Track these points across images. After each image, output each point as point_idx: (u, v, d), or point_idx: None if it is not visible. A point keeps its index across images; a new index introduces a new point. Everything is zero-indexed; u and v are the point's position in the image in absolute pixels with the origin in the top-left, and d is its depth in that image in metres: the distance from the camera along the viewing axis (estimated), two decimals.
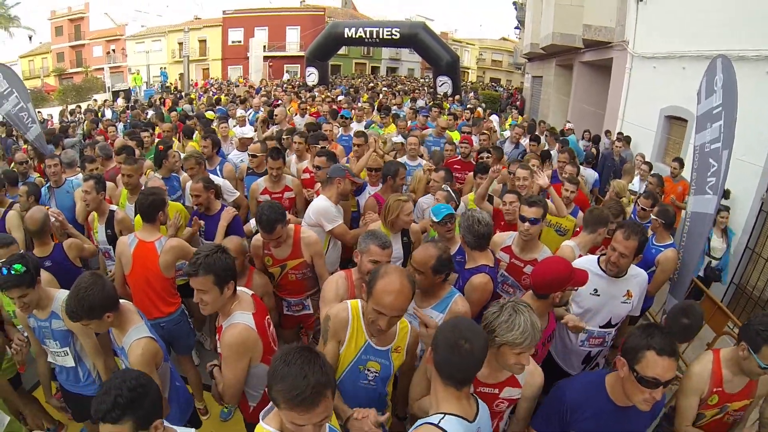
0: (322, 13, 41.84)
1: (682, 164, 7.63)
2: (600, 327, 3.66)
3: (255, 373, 2.79)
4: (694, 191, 5.08)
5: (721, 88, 4.64)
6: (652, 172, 7.81)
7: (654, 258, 4.76)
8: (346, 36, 25.11)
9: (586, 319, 3.60)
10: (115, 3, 46.37)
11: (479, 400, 2.26)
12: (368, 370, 2.71)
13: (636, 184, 8.17)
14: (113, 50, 44.68)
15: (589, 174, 8.32)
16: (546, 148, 9.02)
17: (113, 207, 5.02)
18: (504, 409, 2.67)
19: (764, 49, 6.62)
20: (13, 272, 3.02)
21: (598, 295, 3.56)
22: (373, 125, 10.17)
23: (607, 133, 13.14)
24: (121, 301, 2.91)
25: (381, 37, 24.52)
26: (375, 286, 2.41)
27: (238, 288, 2.82)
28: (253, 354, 2.72)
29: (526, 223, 3.89)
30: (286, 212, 4.02)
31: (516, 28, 33.24)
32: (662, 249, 4.87)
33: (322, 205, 4.57)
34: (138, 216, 4.34)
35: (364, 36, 24.69)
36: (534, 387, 2.65)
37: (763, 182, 6.60)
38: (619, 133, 11.62)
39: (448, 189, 4.89)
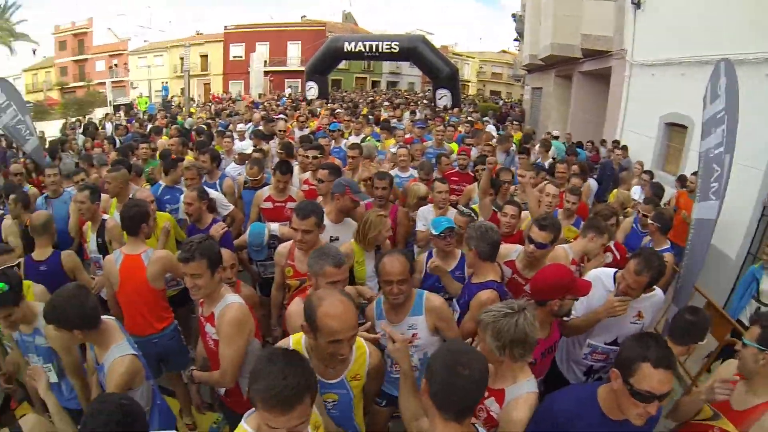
0: (323, 28, 41.88)
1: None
2: (605, 343, 3.49)
3: (251, 350, 2.97)
4: (699, 198, 5.02)
5: (724, 91, 4.63)
6: (653, 181, 7.74)
7: None
8: (345, 50, 25.08)
9: (593, 333, 3.46)
10: (119, 18, 46.59)
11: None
12: (326, 401, 2.60)
13: (636, 193, 8.09)
14: (115, 65, 44.83)
15: (591, 183, 8.22)
16: (538, 160, 9.03)
17: (105, 216, 4.99)
18: None
19: (764, 51, 6.55)
20: None
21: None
22: (369, 138, 10.16)
23: (603, 142, 13.12)
24: (103, 317, 2.88)
25: (380, 50, 24.51)
26: (317, 318, 2.24)
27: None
28: (250, 329, 2.97)
29: (532, 246, 3.73)
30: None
31: (515, 40, 33.23)
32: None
33: None
34: None
35: (363, 50, 24.66)
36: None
37: (764, 187, 6.51)
38: (615, 142, 11.58)
39: (470, 212, 4.66)
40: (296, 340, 2.60)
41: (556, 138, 13.11)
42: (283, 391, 1.69)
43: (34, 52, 41.94)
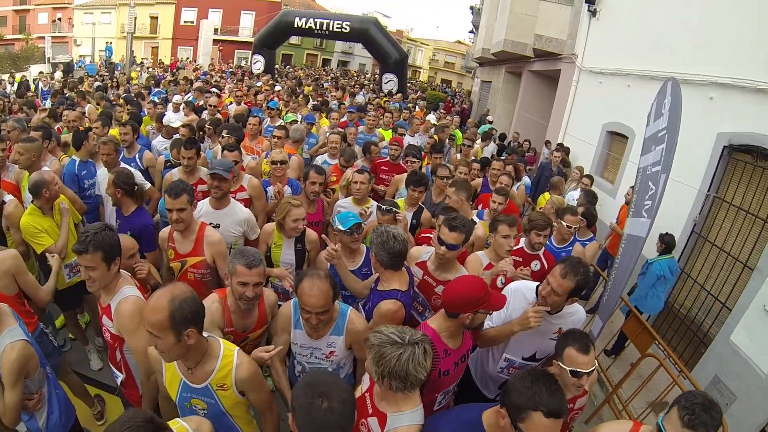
0: (279, 0, 41.10)
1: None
2: (523, 358, 3.35)
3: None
4: (632, 213, 5.06)
5: (668, 111, 4.62)
6: (587, 189, 7.89)
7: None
8: (296, 25, 24.43)
9: (510, 347, 3.33)
10: None
11: None
12: (195, 407, 2.51)
13: (572, 198, 8.16)
14: (59, 19, 42.36)
15: (525, 181, 8.26)
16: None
17: (6, 197, 4.57)
18: None
19: (709, 75, 6.63)
20: None
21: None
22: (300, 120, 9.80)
23: (547, 143, 13.29)
24: None
25: (331, 29, 24.00)
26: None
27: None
28: None
29: (443, 247, 3.53)
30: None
31: (470, 32, 33.48)
32: (585, 243, 5.17)
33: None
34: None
35: (314, 27, 24.07)
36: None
37: (696, 205, 6.64)
38: (559, 144, 11.73)
39: (393, 210, 4.41)
40: None
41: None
42: None
43: None
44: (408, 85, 25.57)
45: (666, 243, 6.18)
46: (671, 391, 4.75)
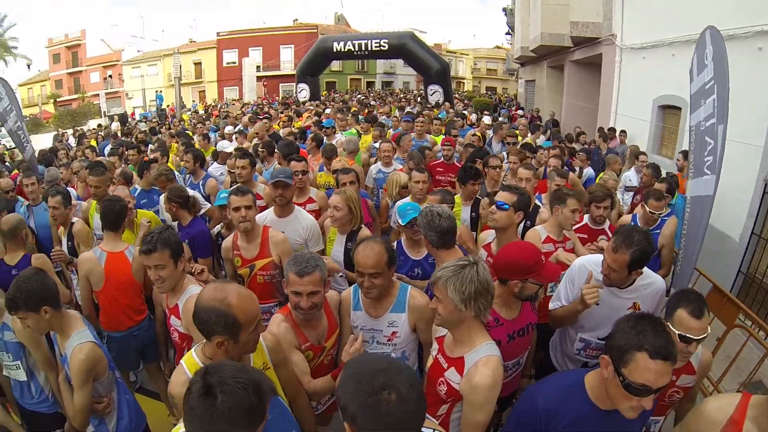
0: (315, 30, 41.71)
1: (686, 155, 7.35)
2: (599, 338, 3.11)
3: None
4: (693, 174, 4.82)
5: (711, 60, 4.46)
6: (648, 163, 7.58)
7: None
8: (335, 50, 25.06)
9: (584, 327, 3.17)
10: (111, 29, 47.21)
11: None
12: None
13: (631, 177, 7.93)
14: (110, 76, 45.12)
15: (589, 172, 8.04)
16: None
17: (74, 219, 4.97)
18: None
19: (754, 25, 6.40)
20: None
21: (598, 304, 2.88)
22: (352, 130, 10.18)
23: (600, 130, 12.98)
24: (65, 309, 2.89)
25: (370, 49, 24.50)
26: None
27: None
28: None
29: (493, 207, 3.54)
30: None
31: (507, 33, 33.24)
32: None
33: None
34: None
35: (353, 49, 24.66)
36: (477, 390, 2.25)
37: (764, 163, 6.31)
38: (611, 129, 11.47)
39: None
40: (190, 363, 2.24)
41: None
42: None
43: (28, 67, 42.11)
44: (454, 96, 25.61)
45: (669, 182, 5.89)
46: (761, 367, 4.50)
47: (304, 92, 25.39)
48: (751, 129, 6.35)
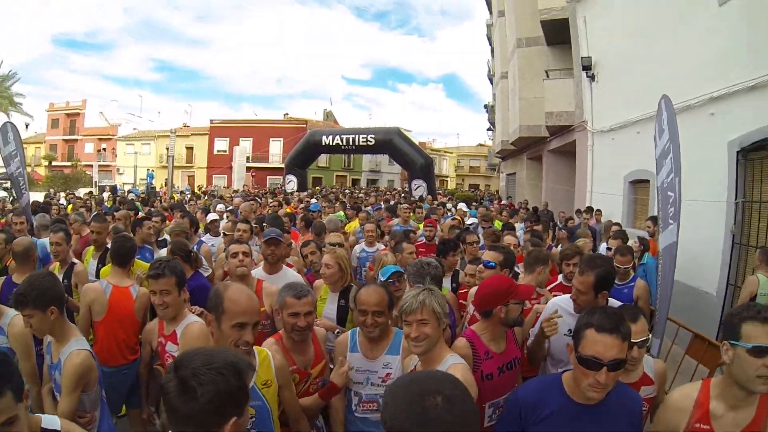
0: (304, 125, 42.60)
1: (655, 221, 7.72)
2: None
3: None
4: (661, 228, 5.21)
5: (667, 124, 4.96)
6: (616, 231, 7.90)
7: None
8: (323, 143, 25.86)
9: (560, 358, 3.30)
10: (111, 103, 48.68)
11: None
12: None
13: (603, 248, 8.18)
14: (104, 149, 46.08)
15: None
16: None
17: (75, 260, 5.20)
18: None
19: (705, 93, 7.06)
20: None
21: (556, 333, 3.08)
22: (339, 213, 10.78)
23: (578, 212, 13.41)
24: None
25: (357, 143, 25.27)
26: (223, 302, 2.31)
27: None
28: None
29: (481, 266, 3.82)
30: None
31: (488, 129, 34.33)
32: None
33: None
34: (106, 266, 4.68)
35: (341, 143, 25.45)
36: None
37: (729, 217, 6.74)
38: (588, 208, 11.93)
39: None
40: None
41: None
42: None
43: (26, 126, 41.44)
44: (438, 192, 26.29)
45: (643, 242, 6.45)
46: None
47: (292, 183, 25.78)
48: (713, 189, 6.82)
